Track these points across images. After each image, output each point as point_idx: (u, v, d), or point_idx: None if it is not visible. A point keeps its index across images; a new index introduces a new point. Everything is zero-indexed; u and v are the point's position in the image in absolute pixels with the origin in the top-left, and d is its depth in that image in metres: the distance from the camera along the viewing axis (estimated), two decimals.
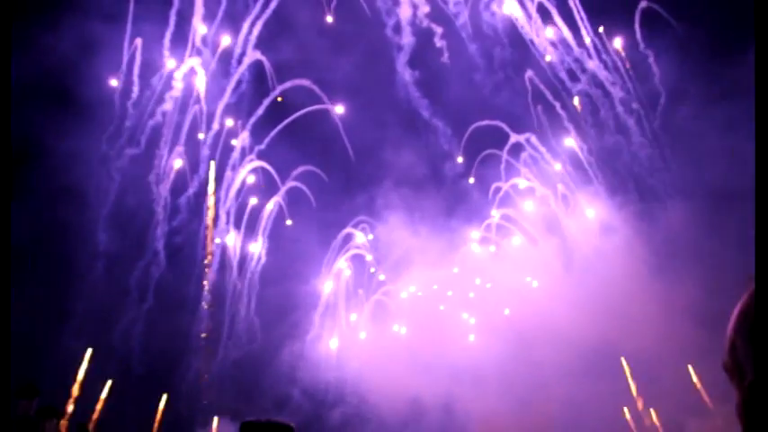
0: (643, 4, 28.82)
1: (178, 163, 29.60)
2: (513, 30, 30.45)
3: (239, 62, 30.25)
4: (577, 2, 29.24)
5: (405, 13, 30.10)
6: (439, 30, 30.29)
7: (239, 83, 30.39)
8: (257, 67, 30.77)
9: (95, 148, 27.58)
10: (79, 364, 26.40)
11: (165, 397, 27.64)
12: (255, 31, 29.90)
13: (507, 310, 30.16)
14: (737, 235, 20.59)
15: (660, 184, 28.72)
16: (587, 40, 29.49)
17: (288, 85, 30.73)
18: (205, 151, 30.16)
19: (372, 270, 33.45)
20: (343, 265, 33.34)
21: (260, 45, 30.33)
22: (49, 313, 25.87)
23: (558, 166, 31.06)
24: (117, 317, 27.91)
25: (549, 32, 29.85)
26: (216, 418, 28.20)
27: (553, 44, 29.97)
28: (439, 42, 30.28)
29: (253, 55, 30.28)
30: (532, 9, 29.92)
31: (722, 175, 23.79)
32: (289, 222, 32.11)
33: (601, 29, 29.56)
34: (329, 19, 29.78)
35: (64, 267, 26.81)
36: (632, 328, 25.13)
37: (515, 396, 26.55)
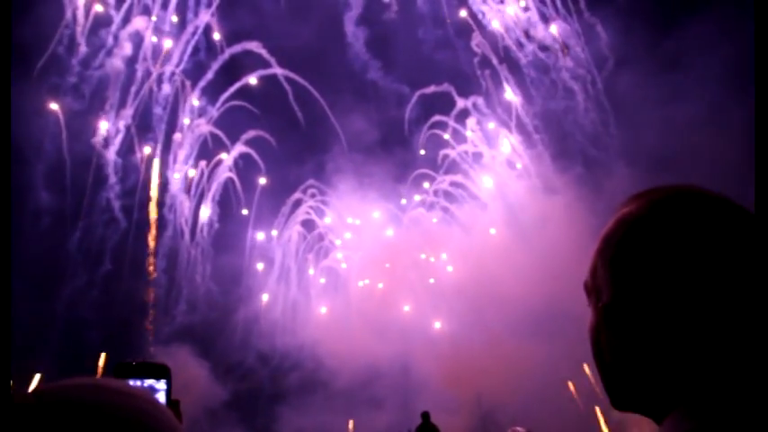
0: None
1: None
2: None
3: (189, 25, 29.63)
4: None
5: None
6: None
7: (188, 46, 29.76)
8: (209, 30, 30.21)
9: (36, 101, 26.05)
10: (22, 331, 24.62)
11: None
12: None
13: (462, 275, 30.53)
14: None
15: (603, 149, 29.25)
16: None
17: (237, 48, 30.27)
18: (156, 111, 29.46)
19: (322, 233, 33.58)
20: (293, 230, 33.37)
21: (210, 6, 29.78)
22: None
23: (503, 132, 31.40)
24: (63, 281, 27.02)
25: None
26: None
27: (500, 11, 30.21)
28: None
29: (203, 17, 29.68)
30: None
31: (663, 142, 24.56)
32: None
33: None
34: None
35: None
36: (578, 292, 25.78)
37: (469, 357, 27.08)
